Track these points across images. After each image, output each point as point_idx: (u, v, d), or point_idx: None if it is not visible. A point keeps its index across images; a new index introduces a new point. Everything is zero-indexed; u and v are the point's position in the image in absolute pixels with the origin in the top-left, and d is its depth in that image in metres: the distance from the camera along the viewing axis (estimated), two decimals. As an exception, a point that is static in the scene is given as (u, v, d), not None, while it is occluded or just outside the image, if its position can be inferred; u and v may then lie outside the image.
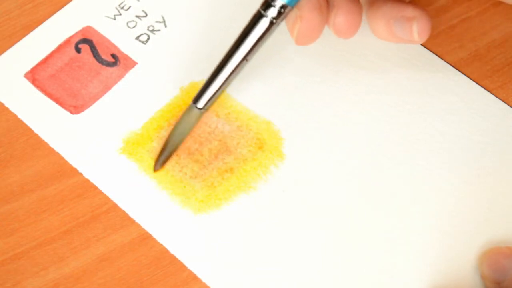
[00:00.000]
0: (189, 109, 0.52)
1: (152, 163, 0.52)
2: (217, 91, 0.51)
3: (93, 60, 0.55)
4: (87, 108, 0.54)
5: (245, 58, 0.50)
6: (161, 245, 0.50)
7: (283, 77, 0.55)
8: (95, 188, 0.51)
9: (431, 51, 0.55)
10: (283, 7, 0.49)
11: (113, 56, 0.55)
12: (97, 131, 0.53)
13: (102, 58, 0.55)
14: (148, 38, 0.56)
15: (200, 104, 0.51)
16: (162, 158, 0.51)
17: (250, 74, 0.54)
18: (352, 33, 0.51)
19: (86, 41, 0.56)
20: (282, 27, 0.51)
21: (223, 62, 0.50)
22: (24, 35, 0.56)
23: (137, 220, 0.50)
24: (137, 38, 0.56)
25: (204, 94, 0.51)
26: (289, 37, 0.52)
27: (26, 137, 0.53)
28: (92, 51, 0.56)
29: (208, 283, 0.48)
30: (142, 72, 0.55)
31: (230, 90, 0.54)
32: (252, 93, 0.54)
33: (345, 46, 0.55)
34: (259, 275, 0.49)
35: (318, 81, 0.54)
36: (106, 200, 0.51)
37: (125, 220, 0.50)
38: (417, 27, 0.51)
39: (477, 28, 0.56)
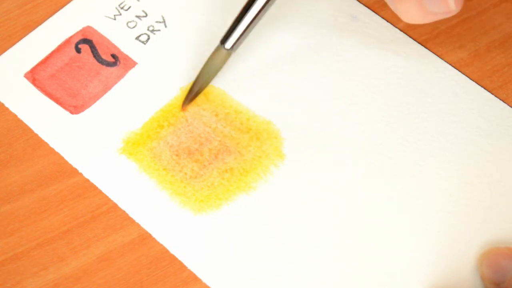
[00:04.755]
0: (217, 50, 0.52)
1: (152, 162, 0.52)
2: (245, 30, 0.51)
3: (93, 60, 0.55)
4: (87, 108, 0.54)
5: None
6: (161, 245, 0.50)
7: (283, 77, 0.55)
8: (95, 188, 0.51)
9: (431, 51, 0.55)
10: None
11: (113, 56, 0.55)
12: (97, 131, 0.53)
13: (102, 58, 0.55)
14: (148, 38, 0.56)
15: (228, 44, 0.51)
16: (190, 96, 0.53)
17: (250, 74, 0.54)
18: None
19: (86, 41, 0.56)
20: (282, 27, 0.50)
21: (249, 1, 0.50)
22: (24, 35, 0.56)
23: (137, 220, 0.50)
24: (137, 38, 0.56)
25: (232, 34, 0.51)
26: (288, 38, 0.52)
27: (26, 137, 0.53)
28: (92, 51, 0.56)
29: (208, 283, 0.48)
30: (142, 72, 0.55)
31: (230, 90, 0.54)
32: (252, 93, 0.54)
33: (344, 46, 0.55)
34: (259, 275, 0.49)
35: (318, 81, 0.54)
36: (106, 200, 0.51)
37: (125, 220, 0.50)
38: None
39: (477, 28, 0.56)
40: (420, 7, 0.48)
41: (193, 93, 0.53)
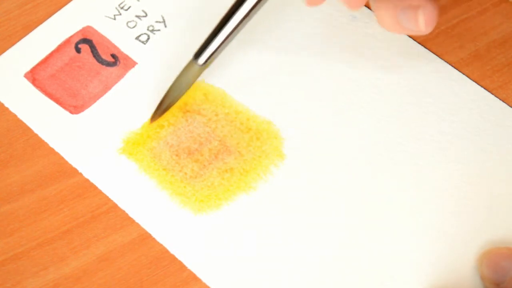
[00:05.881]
0: (189, 65, 0.51)
1: (152, 162, 0.52)
2: (218, 47, 0.50)
3: (93, 60, 0.55)
4: (87, 108, 0.54)
5: (247, 14, 0.49)
6: (161, 245, 0.50)
7: (283, 77, 0.55)
8: (95, 188, 0.51)
9: (431, 51, 0.55)
10: None
11: (113, 56, 0.55)
12: (97, 131, 0.53)
13: (102, 58, 0.55)
14: (148, 38, 0.56)
15: (201, 60, 0.51)
16: (159, 111, 0.52)
17: (250, 74, 0.54)
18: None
19: (86, 41, 0.56)
20: (281, 28, 0.50)
21: (225, 18, 0.50)
22: (24, 35, 0.56)
23: (137, 220, 0.50)
24: (137, 38, 0.56)
25: (205, 50, 0.50)
26: (288, 38, 0.52)
27: (26, 137, 0.53)
28: (92, 51, 0.56)
29: (208, 283, 0.49)
30: (142, 72, 0.55)
31: (230, 90, 0.54)
32: (252, 93, 0.54)
33: (344, 46, 0.55)
34: (259, 275, 0.49)
35: (318, 81, 0.54)
36: (106, 200, 0.51)
37: (125, 220, 0.50)
38: (423, 16, 0.48)
39: (477, 28, 0.56)
40: (394, 19, 0.49)
41: (162, 108, 0.52)
